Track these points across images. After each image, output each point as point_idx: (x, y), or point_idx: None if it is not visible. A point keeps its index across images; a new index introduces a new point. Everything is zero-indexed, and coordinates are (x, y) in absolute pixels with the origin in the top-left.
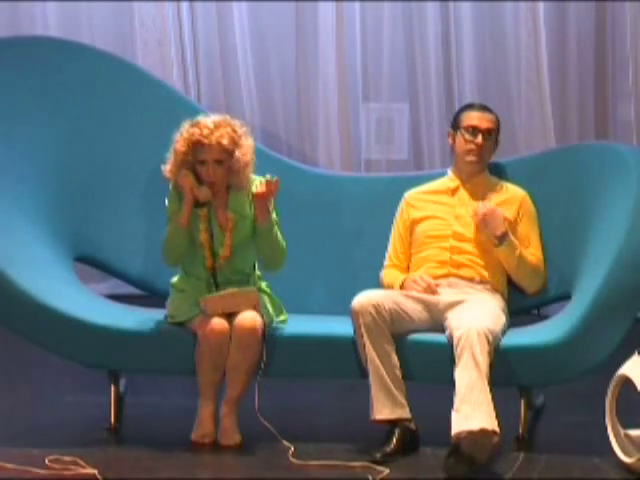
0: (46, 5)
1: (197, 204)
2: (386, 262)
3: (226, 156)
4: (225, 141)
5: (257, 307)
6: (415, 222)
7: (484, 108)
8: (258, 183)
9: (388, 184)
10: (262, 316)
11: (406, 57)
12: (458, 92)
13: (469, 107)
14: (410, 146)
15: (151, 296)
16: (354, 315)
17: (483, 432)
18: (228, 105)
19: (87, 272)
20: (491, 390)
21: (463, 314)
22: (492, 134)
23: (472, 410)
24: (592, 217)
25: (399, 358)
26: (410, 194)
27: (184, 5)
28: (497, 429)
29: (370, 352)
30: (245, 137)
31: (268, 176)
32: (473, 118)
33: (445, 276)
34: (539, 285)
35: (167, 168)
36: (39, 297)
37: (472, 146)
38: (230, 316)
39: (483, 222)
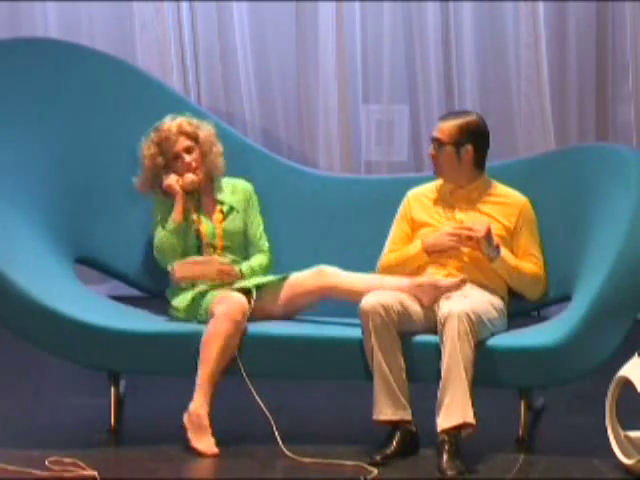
0: (46, 6)
1: (188, 193)
2: (386, 250)
3: (193, 143)
4: (186, 126)
5: (223, 274)
6: (416, 225)
7: (446, 116)
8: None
9: (388, 186)
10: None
11: (406, 58)
12: (458, 93)
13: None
14: (410, 148)
15: (151, 298)
16: (363, 315)
17: (461, 427)
18: (228, 106)
19: (87, 274)
20: (475, 381)
21: (450, 301)
22: (442, 145)
23: (449, 404)
24: (592, 218)
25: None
26: (413, 195)
27: (184, 5)
28: (472, 420)
29: (377, 353)
30: (201, 123)
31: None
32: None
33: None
34: (540, 293)
35: (139, 182)
36: (39, 298)
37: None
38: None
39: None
